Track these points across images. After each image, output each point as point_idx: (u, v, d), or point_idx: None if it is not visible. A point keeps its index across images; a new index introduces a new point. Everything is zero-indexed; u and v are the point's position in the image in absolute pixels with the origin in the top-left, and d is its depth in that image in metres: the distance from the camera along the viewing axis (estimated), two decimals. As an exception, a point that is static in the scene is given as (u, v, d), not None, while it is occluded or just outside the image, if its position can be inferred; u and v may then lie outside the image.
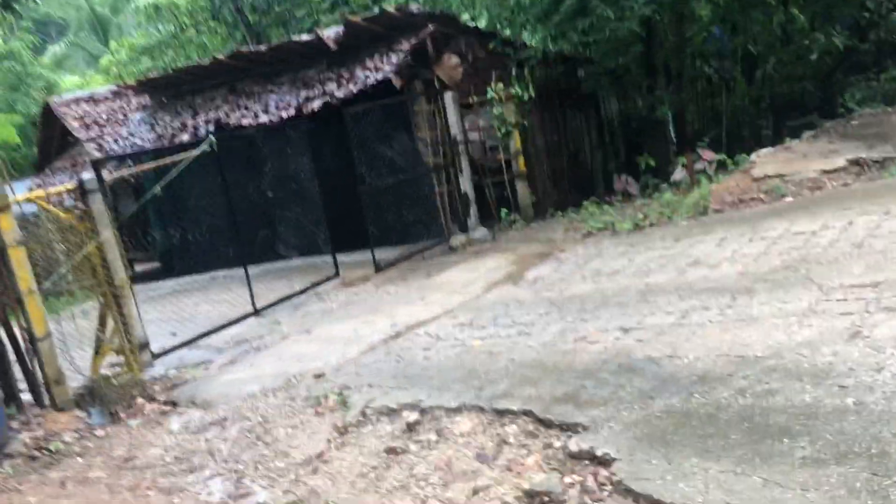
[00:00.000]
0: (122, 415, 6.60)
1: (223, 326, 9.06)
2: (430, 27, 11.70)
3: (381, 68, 11.28)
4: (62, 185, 7.40)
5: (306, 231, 11.68)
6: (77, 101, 18.27)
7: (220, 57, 13.93)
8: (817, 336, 4.12)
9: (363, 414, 5.01)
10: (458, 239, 11.32)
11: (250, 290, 9.47)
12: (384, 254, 11.56)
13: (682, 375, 4.08)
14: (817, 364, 3.74)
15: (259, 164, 11.97)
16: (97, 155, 16.97)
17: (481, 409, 4.46)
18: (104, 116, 17.96)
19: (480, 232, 11.62)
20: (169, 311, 10.87)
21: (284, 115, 12.34)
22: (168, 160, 8.72)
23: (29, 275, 6.21)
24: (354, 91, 11.40)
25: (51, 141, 18.81)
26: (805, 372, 3.68)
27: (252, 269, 14.03)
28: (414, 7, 11.78)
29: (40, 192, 7.17)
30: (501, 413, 4.34)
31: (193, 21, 26.37)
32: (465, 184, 11.69)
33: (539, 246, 9.71)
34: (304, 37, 12.81)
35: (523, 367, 5.03)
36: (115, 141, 16.22)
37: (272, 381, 6.35)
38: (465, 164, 11.66)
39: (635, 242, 8.41)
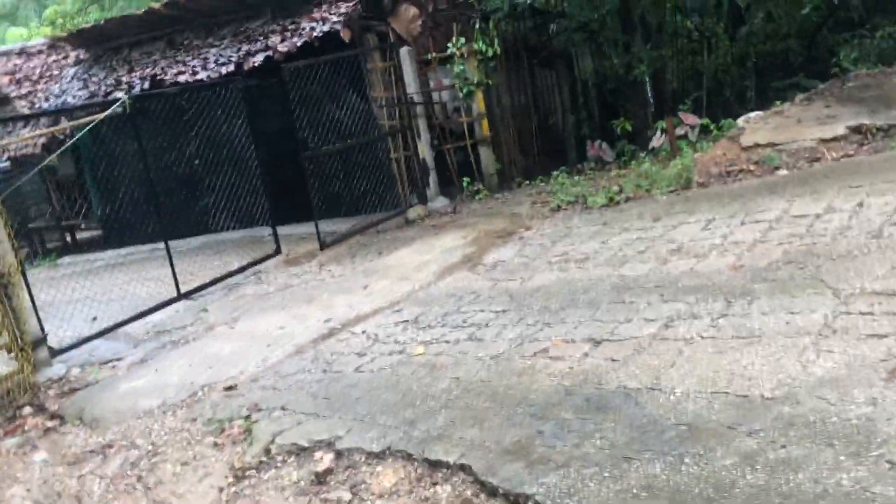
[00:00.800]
0: (1, 431, 5.56)
1: (144, 313, 7.98)
2: (385, -27, 10.48)
3: (328, 19, 10.05)
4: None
5: (247, 201, 10.57)
6: (8, 54, 16.75)
7: (156, 6, 12.57)
8: (843, 369, 3.15)
9: (268, 452, 3.99)
10: (415, 210, 10.26)
11: (173, 271, 8.36)
12: (334, 226, 10.50)
13: (668, 423, 3.10)
14: (850, 418, 2.77)
15: (189, 127, 10.80)
16: (27, 112, 15.57)
17: (409, 457, 3.46)
18: (38, 72, 16.48)
19: (440, 202, 10.57)
20: (98, 290, 9.80)
21: (224, 71, 11.10)
22: (72, 123, 7.53)
23: None
24: (299, 45, 10.18)
25: (-22, 98, 17.27)
26: (835, 431, 2.71)
27: (191, 242, 13.02)
28: (367, -50, 10.53)
29: None
30: (434, 465, 3.34)
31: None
32: (424, 149, 10.59)
33: (502, 221, 8.68)
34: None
35: (469, 391, 4.03)
36: (47, 99, 14.83)
37: (176, 394, 5.30)
38: (423, 127, 10.55)
39: (609, 220, 7.41)
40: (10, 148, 14.57)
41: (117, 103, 7.60)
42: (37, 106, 15.16)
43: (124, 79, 13.08)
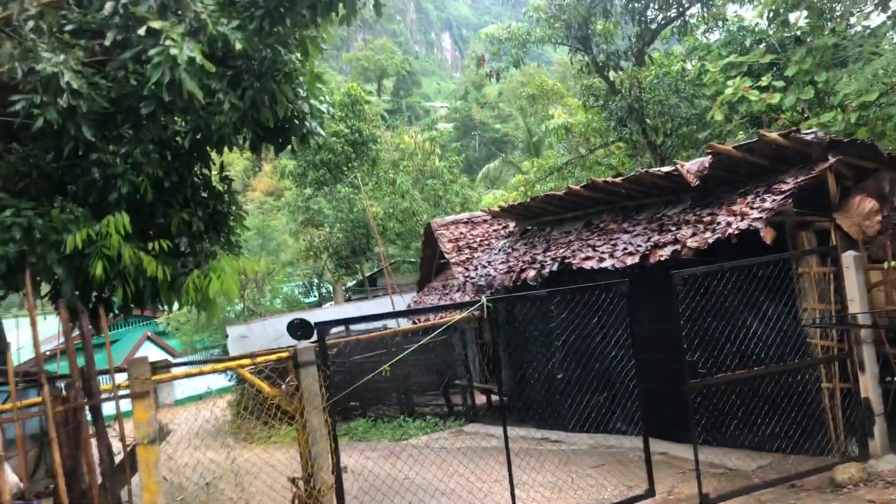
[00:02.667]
0: None
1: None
2: (831, 159, 8.36)
3: (747, 215, 8.26)
4: (277, 351, 6.09)
5: (625, 406, 9.12)
6: (456, 223, 18.21)
7: (575, 188, 12.19)
8: None
9: None
10: (847, 470, 7.55)
11: None
12: (732, 459, 8.44)
13: None
14: None
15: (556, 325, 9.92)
16: (460, 279, 16.47)
17: None
18: (478, 240, 17.52)
19: (887, 464, 7.65)
20: (474, 481, 9.17)
21: (629, 261, 9.99)
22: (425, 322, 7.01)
23: (157, 485, 4.82)
24: (710, 241, 8.55)
25: (431, 261, 19.03)
26: None
27: (576, 440, 11.83)
28: (808, 133, 8.56)
29: (245, 360, 5.93)
30: None
31: (602, 140, 25.62)
32: (868, 386, 7.87)
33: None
34: (664, 169, 10.36)
35: None
36: (475, 268, 15.46)
37: None
38: (869, 356, 7.89)
39: None
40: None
41: (475, 306, 6.89)
42: (468, 273, 15.91)
43: (539, 257, 12.85)
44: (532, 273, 12.49)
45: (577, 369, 11.14)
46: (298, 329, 23.96)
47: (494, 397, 17.54)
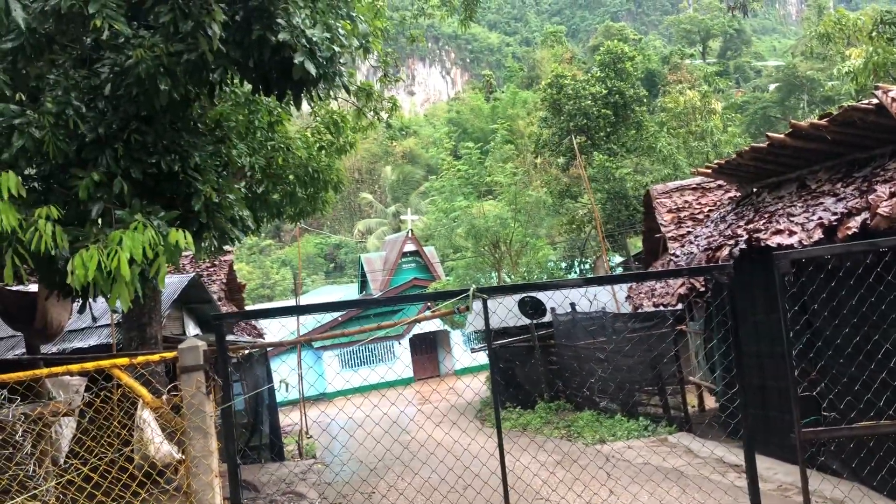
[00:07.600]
0: None
1: None
2: None
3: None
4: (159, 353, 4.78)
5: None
6: (681, 189, 15.09)
7: (777, 136, 9.02)
8: None
9: None
10: None
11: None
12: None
13: None
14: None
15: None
16: (676, 258, 13.62)
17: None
18: (706, 210, 14.38)
19: None
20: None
21: (815, 236, 7.02)
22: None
23: None
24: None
25: (652, 235, 16.16)
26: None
27: (770, 474, 8.85)
28: None
29: (121, 360, 4.70)
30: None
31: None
32: None
33: None
34: (875, 101, 6.96)
35: None
36: (684, 245, 12.60)
37: None
38: None
39: None
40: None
41: (458, 297, 4.87)
42: (683, 248, 13.05)
43: (739, 230, 9.93)
44: (726, 252, 9.69)
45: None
46: (529, 307, 21.94)
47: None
